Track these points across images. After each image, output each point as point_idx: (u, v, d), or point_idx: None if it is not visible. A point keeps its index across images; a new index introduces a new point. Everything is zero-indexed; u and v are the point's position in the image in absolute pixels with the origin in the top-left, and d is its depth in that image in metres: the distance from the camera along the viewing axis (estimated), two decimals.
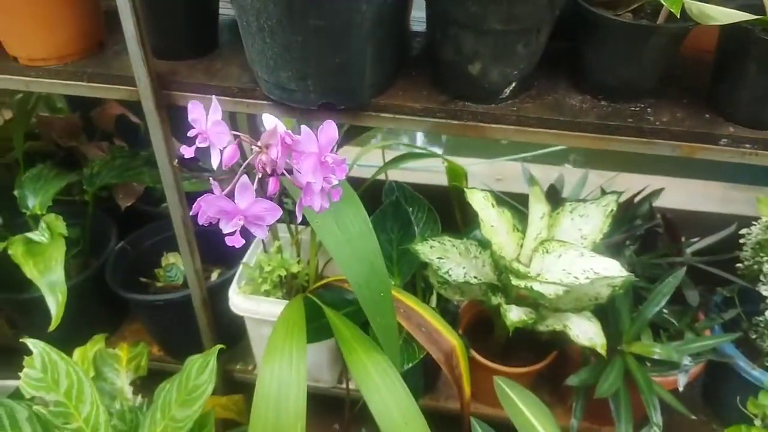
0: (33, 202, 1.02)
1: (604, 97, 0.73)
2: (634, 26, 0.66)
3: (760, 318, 0.94)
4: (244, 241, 0.39)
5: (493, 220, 0.80)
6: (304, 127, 0.38)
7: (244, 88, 0.76)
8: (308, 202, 0.41)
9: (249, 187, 0.38)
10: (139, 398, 0.91)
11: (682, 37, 0.69)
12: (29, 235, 0.95)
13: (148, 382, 0.99)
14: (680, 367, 0.86)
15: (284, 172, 0.41)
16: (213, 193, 0.38)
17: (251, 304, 0.96)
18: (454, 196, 1.21)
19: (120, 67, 0.79)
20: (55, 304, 0.84)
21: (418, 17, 0.85)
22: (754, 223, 1.00)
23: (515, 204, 0.98)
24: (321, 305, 0.81)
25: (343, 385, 1.12)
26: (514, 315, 0.79)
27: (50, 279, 0.85)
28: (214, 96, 0.39)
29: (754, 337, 0.97)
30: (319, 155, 0.38)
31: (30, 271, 0.87)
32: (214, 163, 0.39)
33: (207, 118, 0.38)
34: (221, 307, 1.00)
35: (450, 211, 1.12)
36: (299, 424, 0.67)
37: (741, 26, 0.61)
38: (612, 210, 0.81)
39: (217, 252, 1.13)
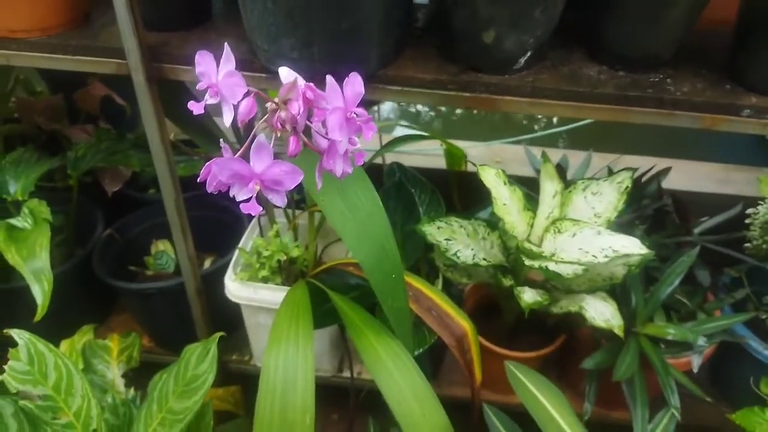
0: (14, 188, 0.96)
1: (622, 67, 0.70)
2: None
3: None
4: (261, 209, 0.35)
5: (505, 198, 0.77)
6: (329, 78, 0.34)
7: (242, 59, 0.71)
8: (330, 166, 0.37)
9: (266, 148, 0.34)
10: (132, 391, 0.87)
11: (704, 4, 0.66)
12: (11, 221, 0.89)
13: (137, 375, 0.94)
14: (694, 348, 0.84)
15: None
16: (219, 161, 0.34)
17: (249, 290, 0.92)
18: (453, 179, 1.18)
19: (107, 39, 0.74)
20: (41, 292, 0.79)
21: None
22: (760, 202, 0.98)
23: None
24: (325, 290, 0.77)
25: (344, 374, 1.08)
26: (528, 296, 0.76)
27: (35, 266, 0.80)
28: (226, 43, 0.34)
29: (764, 317, 0.95)
30: (345, 110, 0.34)
31: (12, 257, 0.81)
32: (227, 121, 0.34)
33: (218, 70, 0.34)
34: (215, 295, 0.96)
35: (448, 195, 1.09)
36: (308, 415, 0.64)
37: None
38: (627, 187, 0.78)
39: (209, 239, 1.09)
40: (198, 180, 0.37)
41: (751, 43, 0.67)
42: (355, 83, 0.35)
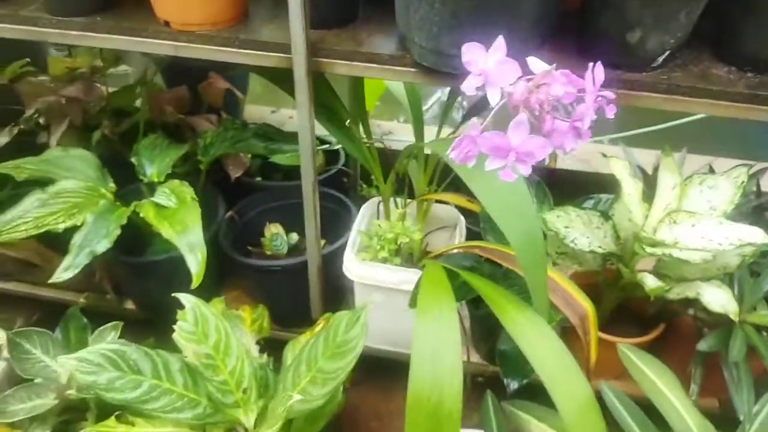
0: (150, 170, 1.05)
1: (751, 68, 0.75)
2: None
3: None
4: (516, 176, 0.42)
5: (630, 188, 0.83)
6: (590, 66, 0.40)
7: (394, 55, 0.78)
8: (560, 143, 0.43)
9: (524, 124, 0.41)
10: (265, 357, 0.94)
11: None
12: (155, 199, 0.98)
13: None
14: None
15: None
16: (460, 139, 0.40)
17: (368, 269, 0.99)
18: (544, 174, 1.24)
19: (271, 35, 0.81)
20: (196, 262, 0.87)
21: None
22: None
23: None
24: (453, 269, 0.84)
25: None
26: (652, 282, 0.81)
27: (189, 239, 0.88)
28: (501, 35, 0.41)
29: None
30: (594, 94, 0.41)
31: (167, 231, 0.90)
32: (493, 101, 0.41)
33: (488, 58, 0.41)
34: (328, 276, 1.04)
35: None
36: (456, 378, 0.70)
37: None
38: (743, 182, 0.83)
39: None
40: (448, 152, 0.44)
41: None
42: (599, 71, 0.41)
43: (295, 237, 1.18)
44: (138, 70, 1.30)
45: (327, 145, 1.27)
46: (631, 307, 1.06)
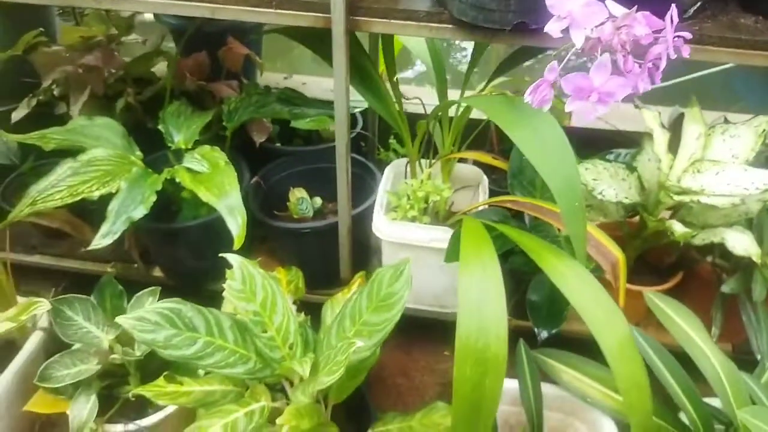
0: (177, 138, 1.06)
1: None
2: None
3: None
4: (597, 113, 0.44)
5: (660, 138, 0.86)
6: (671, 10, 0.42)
7: (431, 12, 0.80)
8: (636, 83, 0.46)
9: (606, 65, 0.43)
10: (302, 315, 0.97)
11: None
12: (186, 165, 0.99)
13: None
14: None
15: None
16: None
17: (398, 228, 1.01)
18: None
19: None
20: (236, 225, 0.88)
21: None
22: None
23: None
24: (488, 223, 0.87)
25: None
26: (679, 228, 0.85)
27: (228, 202, 0.90)
28: None
29: None
30: (672, 34, 0.43)
31: (204, 194, 0.91)
32: (578, 42, 0.43)
33: (573, 1, 0.42)
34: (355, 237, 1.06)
35: None
36: (501, 322, 0.73)
37: None
38: (764, 130, 0.86)
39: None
40: (525, 94, 0.46)
41: None
42: (674, 14, 0.43)
43: (318, 201, 1.20)
44: (145, 38, 1.29)
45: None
46: (647, 259, 1.10)
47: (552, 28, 0.43)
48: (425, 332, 1.23)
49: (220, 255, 0.82)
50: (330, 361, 0.75)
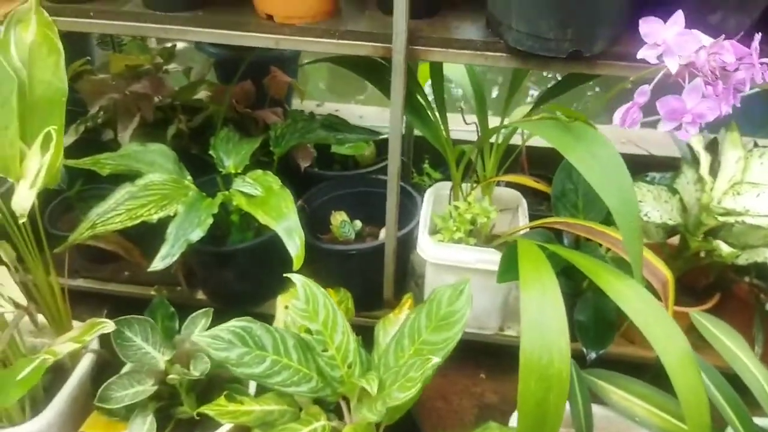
0: (228, 163, 1.09)
1: None
2: None
3: None
4: (690, 134, 0.47)
5: (705, 162, 0.89)
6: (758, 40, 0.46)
7: (487, 41, 0.84)
8: (720, 106, 0.49)
9: (698, 89, 0.46)
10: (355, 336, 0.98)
11: None
12: (240, 189, 1.01)
13: None
14: None
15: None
16: None
17: (444, 250, 1.04)
18: None
19: (367, 26, 0.86)
20: (295, 246, 0.91)
21: None
22: None
23: None
24: (540, 244, 0.89)
25: (505, 332, 1.19)
26: (726, 248, 0.87)
27: (286, 225, 0.92)
28: (680, 10, 0.47)
29: None
30: (757, 62, 0.47)
31: (263, 217, 0.93)
32: (672, 68, 0.47)
33: (667, 30, 0.46)
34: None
35: None
36: (563, 339, 0.75)
37: None
38: None
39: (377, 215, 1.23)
40: (616, 118, 0.49)
41: None
42: (757, 40, 0.47)
43: (358, 224, 1.22)
44: (183, 67, 1.33)
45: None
46: (683, 281, 1.12)
47: (647, 55, 0.47)
48: (462, 354, 1.24)
49: (285, 275, 0.84)
50: (400, 377, 0.76)
